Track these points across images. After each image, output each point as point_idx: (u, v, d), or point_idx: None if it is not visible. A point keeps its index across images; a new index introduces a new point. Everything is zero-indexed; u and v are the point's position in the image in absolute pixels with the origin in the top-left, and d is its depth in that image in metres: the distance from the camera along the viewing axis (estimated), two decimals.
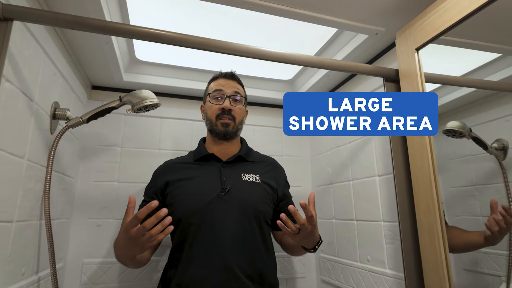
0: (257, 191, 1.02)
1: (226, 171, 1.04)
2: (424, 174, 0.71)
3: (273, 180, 1.08)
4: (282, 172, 1.17)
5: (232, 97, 1.09)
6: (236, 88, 1.11)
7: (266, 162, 1.15)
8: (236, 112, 1.08)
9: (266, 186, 1.04)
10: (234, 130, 1.08)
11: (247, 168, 1.07)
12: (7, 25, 0.61)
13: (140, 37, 0.72)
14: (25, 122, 0.79)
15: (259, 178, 1.05)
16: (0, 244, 0.71)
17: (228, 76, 1.14)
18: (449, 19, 0.67)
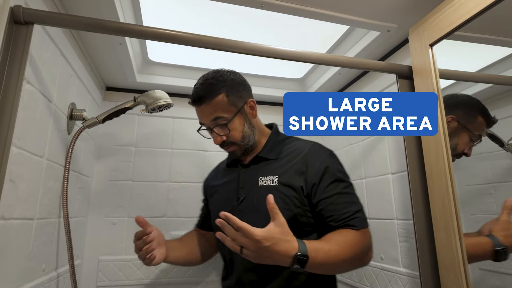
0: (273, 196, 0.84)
1: (245, 176, 0.95)
2: (440, 172, 0.70)
3: (298, 176, 0.86)
4: (318, 161, 0.87)
5: (215, 128, 0.92)
6: (213, 113, 0.90)
7: (294, 154, 0.91)
8: (231, 136, 0.92)
9: (284, 188, 0.85)
10: (242, 149, 0.95)
11: (266, 169, 0.91)
12: (28, 29, 0.63)
13: (156, 38, 0.74)
14: (44, 123, 0.81)
15: (277, 179, 0.87)
16: (22, 241, 0.73)
17: (196, 103, 0.94)
18: (465, 13, 0.66)
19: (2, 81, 0.60)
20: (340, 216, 0.80)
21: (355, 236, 0.78)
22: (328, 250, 0.72)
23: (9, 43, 0.61)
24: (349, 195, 0.85)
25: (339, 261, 0.73)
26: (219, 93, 0.90)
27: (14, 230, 0.69)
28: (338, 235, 0.78)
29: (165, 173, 1.41)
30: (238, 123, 0.92)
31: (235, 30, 1.16)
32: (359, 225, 0.80)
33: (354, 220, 0.80)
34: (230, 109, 0.91)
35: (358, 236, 0.78)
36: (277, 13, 0.93)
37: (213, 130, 0.92)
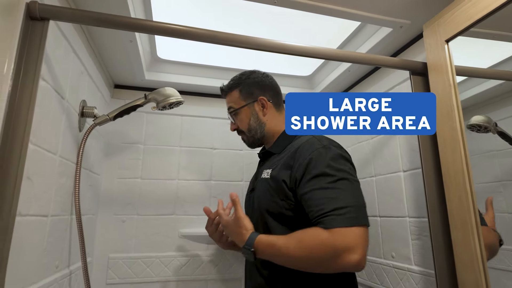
0: (263, 188, 0.92)
1: (259, 170, 1.04)
2: (456, 168, 0.70)
3: (284, 170, 0.87)
4: (305, 154, 0.84)
5: (230, 116, 1.07)
6: (228, 103, 1.06)
7: (291, 149, 0.93)
8: (240, 125, 1.04)
9: (271, 181, 0.89)
10: (250, 141, 1.05)
11: (270, 162, 0.98)
12: (44, 25, 0.63)
13: (171, 34, 0.73)
14: (57, 120, 0.81)
15: (270, 172, 0.92)
16: (37, 237, 0.73)
17: (221, 95, 1.10)
18: (483, 8, 0.65)
19: (19, 77, 0.60)
20: (316, 212, 0.74)
21: (318, 236, 0.71)
22: (281, 247, 0.74)
23: (26, 39, 0.61)
24: (334, 190, 0.76)
25: (291, 259, 0.75)
26: (234, 89, 1.05)
27: (30, 227, 0.69)
28: (302, 232, 0.74)
29: (173, 171, 1.41)
30: (245, 115, 1.03)
31: (244, 27, 1.16)
32: (330, 224, 0.70)
33: (327, 218, 0.72)
34: (240, 103, 1.03)
35: (324, 236, 0.70)
36: (286, 10, 0.93)
37: (229, 118, 1.07)
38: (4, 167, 0.56)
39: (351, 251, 0.68)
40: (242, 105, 1.02)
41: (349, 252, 0.68)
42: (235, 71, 1.44)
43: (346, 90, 1.49)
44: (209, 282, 1.35)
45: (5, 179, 0.56)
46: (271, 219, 0.87)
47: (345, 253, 0.68)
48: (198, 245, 1.37)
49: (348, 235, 0.69)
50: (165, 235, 1.34)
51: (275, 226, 0.85)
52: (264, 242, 0.78)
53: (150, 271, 1.30)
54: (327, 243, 0.69)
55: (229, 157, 1.50)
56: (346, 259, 0.68)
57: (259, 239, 0.78)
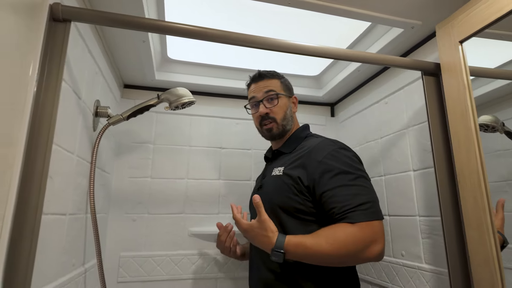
0: (275, 184, 0.95)
1: (268, 168, 1.07)
2: (471, 168, 0.70)
3: (299, 168, 0.90)
4: (320, 155, 0.89)
5: (265, 99, 1.05)
6: (267, 87, 1.06)
7: (303, 149, 0.96)
8: (275, 111, 1.04)
9: (285, 177, 0.92)
10: (279, 130, 1.05)
11: (281, 161, 1.01)
12: (66, 26, 0.64)
13: (185, 34, 0.74)
14: (75, 119, 0.82)
15: (283, 170, 0.95)
16: (57, 236, 0.74)
17: (255, 78, 1.10)
18: (498, 10, 0.66)
19: (43, 79, 0.61)
20: (340, 209, 0.79)
21: (348, 231, 0.76)
22: (311, 245, 0.76)
23: (49, 40, 0.62)
24: (355, 187, 0.82)
25: (324, 256, 0.76)
26: (276, 78, 1.09)
27: (51, 225, 0.70)
28: (330, 229, 0.78)
29: (183, 170, 1.42)
30: (284, 103, 1.06)
31: (254, 27, 1.16)
32: (357, 219, 0.76)
33: (353, 213, 0.77)
34: (280, 90, 1.07)
35: (353, 230, 0.75)
36: (296, 10, 0.93)
37: (262, 101, 1.05)
38: (31, 166, 0.57)
39: (376, 242, 0.76)
40: (283, 94, 1.07)
41: (375, 244, 0.76)
42: (243, 71, 1.46)
43: (354, 90, 1.50)
44: (219, 280, 1.36)
45: (32, 178, 0.57)
46: (284, 215, 0.90)
47: (372, 245, 0.76)
48: (208, 243, 1.38)
49: (373, 228, 0.77)
50: (175, 233, 1.36)
51: (288, 221, 0.89)
52: (293, 243, 0.78)
53: (161, 269, 1.31)
54: (359, 237, 0.75)
55: (237, 157, 1.51)
56: (373, 250, 0.76)
57: (288, 240, 0.78)
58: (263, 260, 0.93)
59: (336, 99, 1.65)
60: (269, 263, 0.90)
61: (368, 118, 1.38)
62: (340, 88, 1.48)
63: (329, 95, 1.56)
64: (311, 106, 1.67)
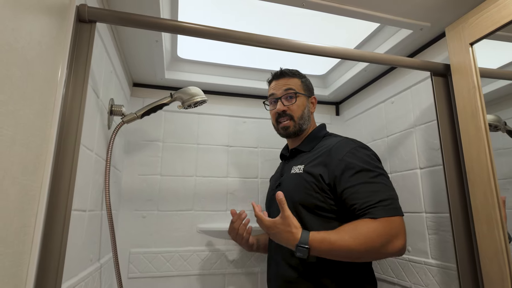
0: (296, 182, 0.97)
1: (285, 167, 1.10)
2: (482, 166, 0.73)
3: (320, 166, 0.93)
4: (341, 153, 0.92)
5: (284, 96, 1.07)
6: (286, 85, 1.08)
7: (323, 148, 0.99)
8: (293, 109, 1.06)
9: (306, 175, 0.95)
10: (295, 129, 1.07)
11: (300, 159, 1.04)
12: (91, 27, 0.66)
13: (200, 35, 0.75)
14: (94, 118, 0.84)
15: (303, 168, 0.97)
16: (79, 231, 0.76)
17: (277, 76, 1.12)
18: (510, 13, 0.68)
19: (70, 79, 0.62)
20: (362, 205, 0.82)
21: (371, 226, 0.78)
22: (335, 240, 0.78)
23: (75, 41, 0.64)
24: (376, 184, 0.85)
25: (348, 251, 0.78)
26: (297, 77, 1.12)
27: (74, 221, 0.72)
28: (352, 225, 0.81)
29: (191, 167, 1.44)
30: (302, 102, 1.09)
31: (262, 27, 1.18)
32: (378, 214, 0.79)
33: (375, 209, 0.80)
34: (300, 90, 1.10)
35: (375, 225, 0.78)
36: (304, 10, 0.95)
37: (281, 98, 1.08)
38: (61, 164, 0.59)
39: (398, 237, 0.79)
40: (302, 93, 1.10)
41: (397, 239, 0.79)
42: (251, 70, 1.48)
43: (360, 90, 1.53)
44: (227, 276, 1.39)
45: (61, 175, 0.59)
46: (305, 212, 0.92)
47: (394, 240, 0.78)
48: (216, 240, 1.40)
49: (394, 224, 0.79)
50: (184, 230, 1.38)
51: (309, 218, 0.92)
52: (317, 239, 0.79)
53: (170, 265, 1.33)
54: (381, 231, 0.77)
55: (244, 155, 1.53)
56: (395, 245, 0.79)
57: (312, 236, 0.79)
58: (283, 257, 0.95)
59: (341, 98, 1.68)
60: (289, 259, 0.93)
61: (374, 117, 1.40)
62: (346, 87, 1.50)
63: (334, 94, 1.58)
64: (317, 104, 1.69)
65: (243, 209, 1.11)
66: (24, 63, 0.47)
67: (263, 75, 1.50)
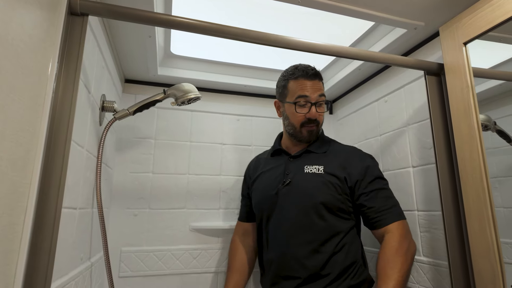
0: (317, 181, 1.00)
1: (291, 165, 1.09)
2: (474, 164, 0.74)
3: (342, 170, 1.01)
4: (359, 160, 1.03)
5: (318, 103, 1.04)
6: (321, 90, 1.04)
7: (340, 152, 1.07)
8: (320, 117, 1.06)
9: (329, 177, 1.00)
10: (317, 134, 1.09)
11: (312, 160, 1.05)
12: (83, 20, 0.64)
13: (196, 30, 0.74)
14: (85, 114, 0.82)
15: (323, 169, 1.01)
16: (69, 229, 0.74)
17: (311, 75, 1.04)
18: (503, 13, 0.69)
19: (61, 72, 0.61)
20: (380, 207, 0.97)
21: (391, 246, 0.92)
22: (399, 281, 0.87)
23: (67, 35, 0.62)
24: (388, 191, 1.02)
25: (403, 280, 0.88)
26: (322, 81, 1.10)
27: (64, 219, 0.70)
28: (383, 262, 0.92)
29: (184, 165, 1.43)
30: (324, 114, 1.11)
31: (258, 24, 1.17)
32: (392, 219, 0.96)
33: (390, 214, 0.96)
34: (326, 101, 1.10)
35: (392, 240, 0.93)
36: (300, 8, 0.95)
37: (316, 104, 1.05)
38: (51, 160, 0.57)
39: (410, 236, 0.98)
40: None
41: (410, 237, 0.97)
42: (245, 67, 1.47)
43: (353, 88, 1.53)
44: (220, 274, 1.38)
45: (52, 171, 0.57)
46: (325, 212, 0.98)
47: (410, 238, 0.97)
48: (209, 238, 1.39)
49: (405, 224, 0.98)
50: (177, 228, 1.36)
51: (329, 217, 0.98)
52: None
53: (162, 264, 1.32)
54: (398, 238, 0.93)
55: (238, 153, 1.52)
56: (413, 242, 0.96)
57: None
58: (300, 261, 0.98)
59: (335, 97, 1.68)
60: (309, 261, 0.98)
61: (368, 116, 1.41)
62: (339, 86, 1.51)
63: (328, 92, 1.58)
64: None
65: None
66: (14, 56, 0.45)
67: (258, 73, 1.49)
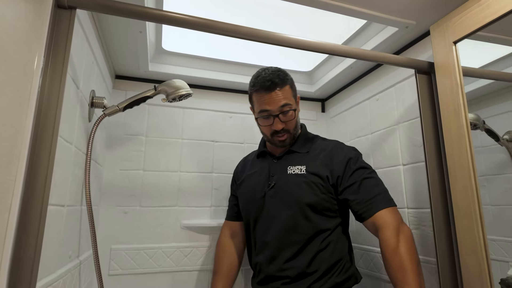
0: (300, 182, 0.98)
1: (275, 166, 1.07)
2: (462, 162, 0.75)
3: (325, 167, 0.98)
4: (341, 155, 1.00)
5: (281, 114, 0.98)
6: (282, 100, 0.96)
7: (323, 149, 1.04)
8: (289, 125, 1.01)
9: (312, 176, 0.98)
10: (290, 140, 1.05)
11: (296, 160, 1.03)
12: (71, 13, 0.63)
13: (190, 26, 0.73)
14: (73, 109, 0.81)
15: (305, 168, 0.99)
16: (56, 227, 0.73)
17: (268, 88, 0.96)
18: (492, 13, 0.70)
19: (48, 66, 0.60)
20: (366, 196, 0.92)
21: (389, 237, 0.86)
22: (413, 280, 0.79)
23: (54, 28, 0.61)
24: (373, 179, 0.96)
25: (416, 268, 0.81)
26: (287, 83, 1.00)
27: (51, 216, 0.69)
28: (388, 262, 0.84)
29: (176, 163, 1.42)
30: (296, 114, 1.04)
31: (250, 21, 1.17)
32: (380, 206, 0.90)
33: (375, 203, 0.91)
34: (292, 100, 1.01)
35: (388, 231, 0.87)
36: (292, 5, 0.94)
37: (278, 116, 0.99)
38: (37, 156, 0.56)
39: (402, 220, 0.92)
40: (295, 103, 1.02)
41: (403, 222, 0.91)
42: (237, 64, 1.46)
43: (345, 87, 1.54)
44: (211, 272, 1.38)
45: (38, 168, 0.56)
46: (311, 212, 0.96)
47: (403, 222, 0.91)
48: (200, 236, 1.39)
49: (396, 211, 0.92)
50: (168, 226, 1.35)
51: (314, 217, 0.96)
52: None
53: (153, 262, 1.31)
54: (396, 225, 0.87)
55: (230, 150, 1.52)
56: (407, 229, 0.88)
57: None
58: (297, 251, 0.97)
59: (327, 95, 1.69)
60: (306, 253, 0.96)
61: (359, 114, 1.42)
62: (331, 84, 1.51)
63: (320, 91, 1.59)
64: (302, 101, 1.69)
65: None
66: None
67: (250, 70, 1.49)
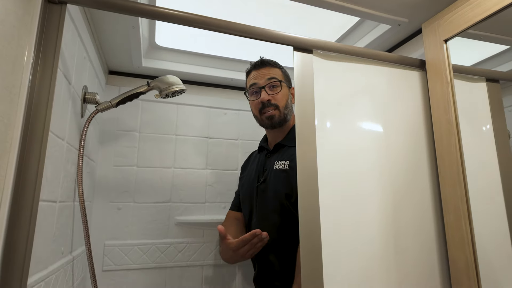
0: (282, 178, 0.98)
1: (268, 161, 1.09)
2: (451, 159, 0.76)
3: None
4: None
5: (267, 85, 1.04)
6: (269, 74, 1.05)
7: None
8: (278, 99, 1.03)
9: (293, 171, 0.96)
10: (280, 118, 1.04)
11: (284, 155, 1.03)
12: (61, 8, 0.62)
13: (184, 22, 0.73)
14: (65, 105, 0.80)
15: (288, 163, 0.99)
16: (48, 223, 0.73)
17: (257, 65, 1.09)
18: (482, 11, 0.70)
19: (39, 62, 0.59)
20: None
21: None
22: None
23: (44, 23, 0.60)
24: None
25: None
26: (278, 67, 1.10)
27: (43, 212, 0.69)
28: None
29: (169, 159, 1.42)
30: (285, 92, 1.07)
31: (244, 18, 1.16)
32: None
33: None
34: (283, 78, 1.08)
35: None
36: (286, 2, 0.94)
37: (264, 88, 1.04)
38: (27, 152, 0.56)
39: None
40: (285, 83, 1.08)
41: None
42: (231, 60, 1.46)
43: None
44: (205, 267, 1.38)
45: (29, 163, 0.56)
46: (291, 207, 0.95)
47: None
48: (194, 231, 1.39)
49: None
50: (162, 222, 1.36)
51: (293, 214, 0.94)
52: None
53: (147, 257, 1.31)
54: None
55: (224, 147, 1.52)
56: None
57: None
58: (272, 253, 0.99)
59: None
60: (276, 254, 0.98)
61: None
62: None
63: None
64: None
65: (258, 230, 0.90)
66: None
67: (244, 66, 1.47)
